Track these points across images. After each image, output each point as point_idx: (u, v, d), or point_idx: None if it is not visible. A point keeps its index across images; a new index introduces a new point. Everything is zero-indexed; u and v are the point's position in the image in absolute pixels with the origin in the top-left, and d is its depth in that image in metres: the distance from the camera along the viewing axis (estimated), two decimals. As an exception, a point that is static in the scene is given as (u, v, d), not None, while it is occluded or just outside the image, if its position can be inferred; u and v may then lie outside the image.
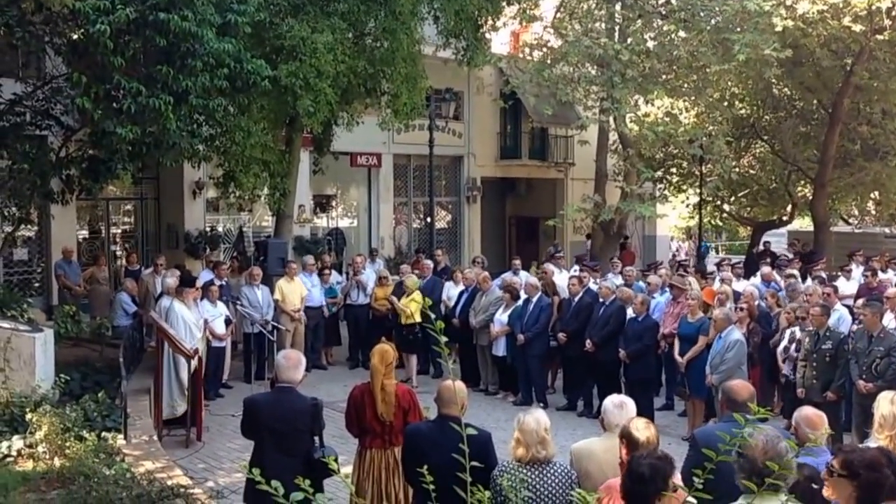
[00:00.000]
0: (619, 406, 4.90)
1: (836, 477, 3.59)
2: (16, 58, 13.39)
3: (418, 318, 12.84)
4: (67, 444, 7.58)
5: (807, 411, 5.01)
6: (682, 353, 10.45)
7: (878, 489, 3.48)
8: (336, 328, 14.89)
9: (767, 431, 3.63)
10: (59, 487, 6.80)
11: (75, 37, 9.98)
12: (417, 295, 12.88)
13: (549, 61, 19.96)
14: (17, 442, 7.73)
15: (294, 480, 2.92)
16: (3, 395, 8.75)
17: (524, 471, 4.58)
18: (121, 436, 8.33)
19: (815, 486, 3.94)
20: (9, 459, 7.54)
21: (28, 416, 7.96)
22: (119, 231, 19.50)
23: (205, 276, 13.40)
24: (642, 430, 4.41)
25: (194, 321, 10.33)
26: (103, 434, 8.10)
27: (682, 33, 19.40)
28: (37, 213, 14.08)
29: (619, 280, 13.47)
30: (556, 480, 4.60)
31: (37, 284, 16.74)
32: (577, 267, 15.29)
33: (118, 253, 18.77)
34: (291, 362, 5.71)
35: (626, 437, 4.40)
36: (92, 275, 15.05)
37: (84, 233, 18.49)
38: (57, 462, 7.36)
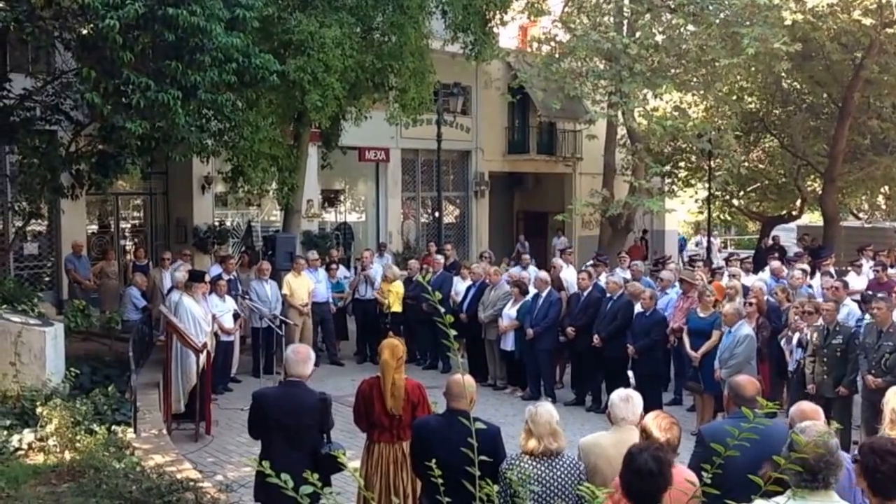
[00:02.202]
0: (626, 400, 4.89)
1: (854, 463, 3.61)
2: (26, 53, 13.46)
3: (397, 308, 13.48)
4: (78, 437, 7.61)
5: (803, 406, 4.99)
6: (694, 348, 10.40)
7: (880, 476, 3.46)
8: (344, 323, 14.90)
9: (818, 428, 3.62)
10: (69, 480, 6.83)
11: (85, 32, 10.02)
12: (397, 285, 13.49)
13: (557, 55, 19.95)
14: (28, 435, 7.77)
15: (302, 475, 2.93)
16: (14, 389, 8.79)
17: (533, 464, 4.58)
18: (130, 429, 8.36)
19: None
20: (20, 453, 7.57)
21: (39, 409, 8.00)
22: (128, 226, 19.57)
23: (214, 270, 13.44)
24: (665, 430, 4.40)
25: (203, 315, 10.36)
26: (113, 428, 8.13)
27: (690, 27, 19.35)
28: (47, 208, 14.15)
29: (627, 274, 13.46)
30: (565, 472, 4.61)
31: (47, 279, 16.82)
32: (590, 262, 15.28)
33: (127, 248, 18.84)
34: (300, 356, 5.72)
35: (647, 435, 4.39)
36: (101, 269, 15.11)
37: (94, 227, 18.57)
38: (67, 455, 7.39)
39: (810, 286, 12.62)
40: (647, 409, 4.93)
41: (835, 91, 23.16)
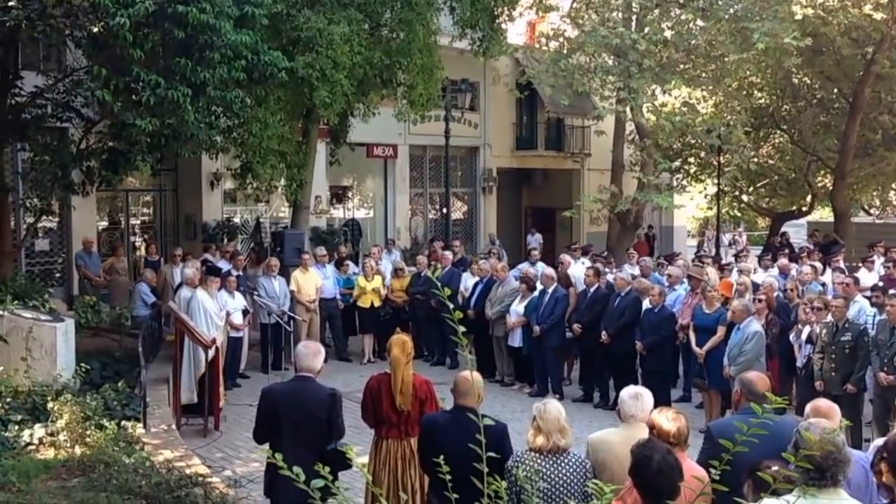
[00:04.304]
0: (636, 397, 4.90)
1: (880, 459, 3.62)
2: (37, 51, 13.51)
3: (375, 303, 13.87)
4: (88, 432, 7.66)
5: (819, 403, 4.99)
6: (700, 345, 10.40)
7: None
8: (352, 319, 14.87)
9: (823, 425, 3.62)
10: (79, 475, 6.87)
11: (95, 30, 10.05)
12: (378, 280, 13.88)
13: (565, 51, 19.92)
14: (39, 430, 7.81)
15: (313, 469, 2.94)
16: (25, 384, 8.85)
17: (540, 460, 4.59)
18: (140, 424, 8.41)
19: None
20: (31, 447, 7.63)
21: (49, 404, 8.05)
22: (138, 222, 19.65)
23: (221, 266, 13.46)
24: (672, 420, 4.41)
25: (216, 310, 10.41)
26: (123, 423, 8.18)
27: (699, 22, 19.29)
28: (58, 205, 14.21)
29: (635, 270, 13.44)
30: (572, 470, 4.62)
31: (58, 275, 16.90)
32: (583, 259, 15.25)
33: (137, 244, 18.92)
34: (311, 350, 5.74)
35: (656, 429, 4.40)
36: (111, 265, 15.17)
37: (104, 224, 18.65)
38: (78, 450, 7.43)
39: (823, 284, 12.56)
40: (655, 407, 4.93)
41: (845, 86, 23.07)
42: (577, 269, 13.78)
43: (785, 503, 3.19)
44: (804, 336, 9.94)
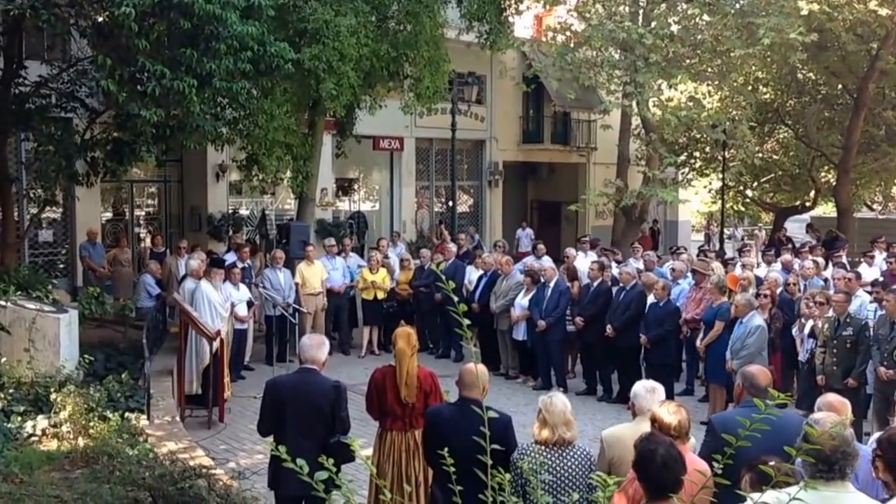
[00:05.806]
0: (651, 391, 4.89)
1: (875, 457, 3.61)
2: (41, 40, 13.51)
3: (381, 295, 13.78)
4: (91, 424, 7.67)
5: (830, 398, 4.99)
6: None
7: None
8: (354, 311, 14.84)
9: (832, 418, 3.62)
10: (82, 467, 6.87)
11: (100, 19, 10.03)
12: (383, 272, 13.86)
13: (572, 45, 19.88)
14: (42, 421, 7.83)
15: (317, 460, 2.93)
16: (29, 375, 8.86)
17: (545, 453, 4.59)
18: (144, 416, 8.42)
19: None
20: (34, 439, 7.64)
21: (52, 396, 8.06)
22: (143, 213, 19.65)
23: (229, 258, 13.48)
24: (673, 413, 4.41)
25: (220, 301, 10.42)
26: (126, 414, 8.19)
27: (706, 17, 19.25)
28: (62, 195, 14.21)
29: (640, 265, 13.43)
30: (577, 463, 4.62)
31: (62, 266, 16.92)
32: (591, 253, 15.21)
33: (142, 235, 18.93)
34: (315, 341, 5.77)
35: (658, 422, 4.40)
36: (114, 257, 15.17)
37: (108, 215, 18.65)
38: (81, 442, 7.45)
39: (826, 279, 12.55)
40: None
41: (850, 82, 23.00)
42: (582, 262, 13.77)
43: (787, 496, 3.19)
44: (807, 330, 9.94)
